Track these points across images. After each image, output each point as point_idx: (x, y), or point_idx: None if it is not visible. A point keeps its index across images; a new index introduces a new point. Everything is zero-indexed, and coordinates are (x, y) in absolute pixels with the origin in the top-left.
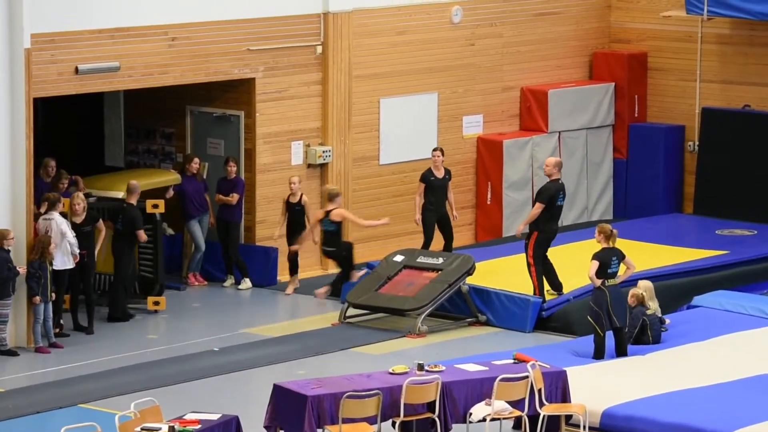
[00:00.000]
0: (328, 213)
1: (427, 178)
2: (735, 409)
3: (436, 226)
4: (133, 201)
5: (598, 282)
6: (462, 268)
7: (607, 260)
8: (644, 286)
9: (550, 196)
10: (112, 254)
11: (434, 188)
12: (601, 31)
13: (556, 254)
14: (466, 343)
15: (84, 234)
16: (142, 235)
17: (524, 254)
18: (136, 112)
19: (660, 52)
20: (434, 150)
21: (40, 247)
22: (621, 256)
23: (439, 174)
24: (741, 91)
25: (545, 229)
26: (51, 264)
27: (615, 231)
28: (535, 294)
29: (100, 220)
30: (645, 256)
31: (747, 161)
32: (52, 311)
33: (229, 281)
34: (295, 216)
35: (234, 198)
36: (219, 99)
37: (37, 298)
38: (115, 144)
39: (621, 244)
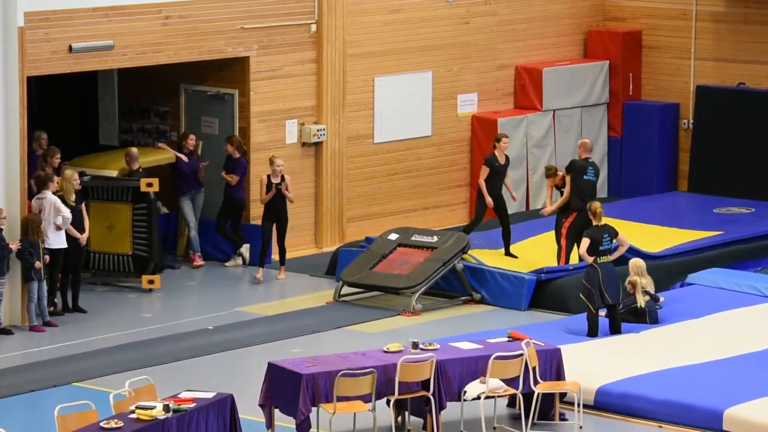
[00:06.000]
0: None
1: (491, 163)
2: (729, 386)
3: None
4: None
5: (590, 259)
6: (457, 246)
7: (599, 238)
8: (635, 264)
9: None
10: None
11: (496, 173)
12: (596, 9)
13: (548, 235)
14: (460, 321)
15: (76, 212)
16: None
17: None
18: (130, 90)
19: (655, 30)
20: (505, 136)
21: (26, 226)
22: (614, 234)
23: (502, 160)
24: (735, 69)
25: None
26: (43, 242)
27: (601, 209)
28: (559, 263)
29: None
30: (643, 236)
31: (742, 139)
32: (47, 290)
33: (232, 261)
34: None
35: (233, 179)
36: (213, 78)
37: (38, 264)
38: (110, 123)
39: (618, 223)
